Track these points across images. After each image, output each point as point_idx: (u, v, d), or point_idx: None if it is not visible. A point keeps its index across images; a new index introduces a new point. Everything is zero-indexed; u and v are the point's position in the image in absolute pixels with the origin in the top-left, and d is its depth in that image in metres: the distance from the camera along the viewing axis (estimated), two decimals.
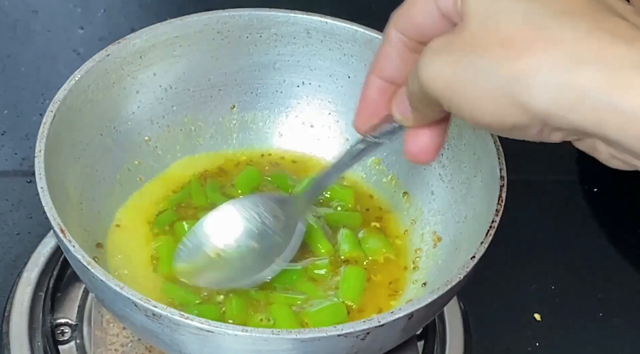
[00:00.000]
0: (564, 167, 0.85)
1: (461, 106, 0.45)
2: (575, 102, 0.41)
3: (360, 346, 0.52)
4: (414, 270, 0.65)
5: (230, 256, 0.63)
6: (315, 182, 0.63)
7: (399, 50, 0.52)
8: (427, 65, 0.45)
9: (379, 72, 0.54)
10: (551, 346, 0.71)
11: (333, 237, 0.66)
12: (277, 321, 0.60)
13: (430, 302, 0.52)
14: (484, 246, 0.55)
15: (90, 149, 0.64)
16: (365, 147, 0.57)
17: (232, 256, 0.63)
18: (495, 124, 0.44)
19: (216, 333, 0.50)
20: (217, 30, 0.68)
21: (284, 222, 0.63)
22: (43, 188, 0.55)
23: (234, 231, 0.63)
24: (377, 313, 0.62)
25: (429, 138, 0.52)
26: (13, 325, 0.67)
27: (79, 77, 0.62)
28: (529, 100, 0.42)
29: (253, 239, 0.63)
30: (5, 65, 0.88)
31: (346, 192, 0.69)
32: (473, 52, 0.43)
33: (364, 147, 0.57)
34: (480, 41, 0.43)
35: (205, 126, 0.71)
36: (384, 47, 0.53)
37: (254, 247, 0.63)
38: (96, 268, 0.52)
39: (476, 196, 0.62)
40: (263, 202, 0.64)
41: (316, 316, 0.61)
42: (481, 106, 0.44)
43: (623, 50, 0.40)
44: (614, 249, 0.79)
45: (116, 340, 0.64)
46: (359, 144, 0.57)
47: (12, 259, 0.72)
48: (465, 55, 0.43)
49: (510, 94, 0.42)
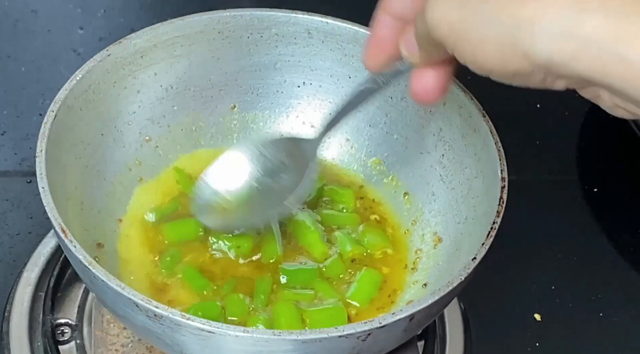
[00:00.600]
0: (564, 167, 0.85)
1: (465, 50, 0.45)
2: (579, 51, 0.40)
3: (361, 347, 0.52)
4: (414, 271, 0.65)
5: (244, 194, 0.64)
6: (325, 124, 0.62)
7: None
8: (433, 8, 0.45)
9: (388, 10, 0.54)
10: (551, 346, 0.71)
11: (328, 238, 0.66)
12: (277, 318, 0.60)
13: (431, 303, 0.52)
14: (485, 247, 0.55)
15: (91, 149, 0.64)
16: (373, 86, 0.57)
17: (247, 194, 0.64)
18: (498, 70, 0.44)
19: (217, 334, 0.50)
20: (218, 30, 0.68)
21: (297, 161, 0.64)
22: (44, 188, 0.55)
23: (247, 170, 0.64)
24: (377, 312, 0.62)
25: (434, 78, 0.52)
26: (13, 325, 0.67)
27: (79, 77, 0.62)
28: (532, 48, 0.41)
29: (267, 176, 0.64)
30: (5, 65, 0.88)
31: (345, 193, 0.69)
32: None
33: (371, 87, 0.57)
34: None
35: (206, 126, 0.71)
36: None
37: (268, 184, 0.64)
38: (97, 268, 0.52)
39: (477, 196, 0.62)
40: (275, 142, 0.65)
41: (316, 315, 0.61)
42: (484, 51, 0.43)
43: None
44: (614, 249, 0.79)
45: (117, 340, 0.64)
46: (367, 83, 0.57)
47: (12, 259, 0.72)
48: (471, 0, 0.43)
49: (513, 41, 0.42)
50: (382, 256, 0.66)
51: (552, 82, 0.44)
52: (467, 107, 0.63)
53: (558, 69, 0.42)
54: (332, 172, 0.71)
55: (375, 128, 0.70)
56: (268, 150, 0.64)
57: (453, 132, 0.65)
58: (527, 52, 0.42)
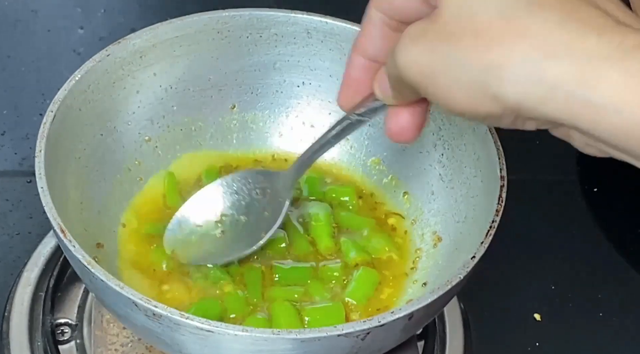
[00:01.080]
0: (564, 167, 0.85)
1: (436, 93, 0.45)
2: (546, 95, 0.41)
3: (360, 346, 0.52)
4: (414, 270, 0.65)
5: (220, 230, 0.64)
6: (300, 160, 0.63)
7: (380, 30, 0.52)
8: (403, 52, 0.45)
9: (361, 51, 0.54)
10: (551, 346, 0.71)
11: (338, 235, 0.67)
12: (276, 317, 0.60)
13: (430, 302, 0.52)
14: (484, 246, 0.56)
15: (90, 149, 0.64)
16: (349, 124, 0.57)
17: (223, 229, 0.64)
18: (469, 113, 0.44)
19: (216, 333, 0.50)
20: (218, 30, 0.68)
21: (271, 198, 0.64)
22: (43, 188, 0.55)
23: (224, 205, 0.64)
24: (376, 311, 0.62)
25: (410, 117, 0.52)
26: (13, 325, 0.67)
27: (79, 77, 0.62)
28: (501, 91, 0.42)
29: (242, 213, 0.64)
30: (5, 65, 0.88)
31: (346, 189, 0.69)
32: (447, 42, 0.43)
33: (347, 125, 0.57)
34: (454, 30, 0.43)
35: (206, 126, 0.71)
36: (365, 26, 0.53)
37: (243, 221, 0.64)
38: (96, 267, 0.52)
39: (476, 195, 0.62)
40: (252, 177, 0.65)
41: (314, 313, 0.61)
42: (455, 95, 0.44)
43: (593, 42, 0.40)
44: (614, 249, 0.79)
45: (116, 340, 0.64)
46: (343, 121, 0.57)
47: (12, 259, 0.72)
48: (440, 45, 0.44)
49: (482, 86, 0.42)
50: (386, 259, 0.66)
51: (522, 123, 0.45)
52: None
53: (528, 112, 0.42)
54: (331, 172, 0.71)
55: (374, 128, 0.70)
56: (244, 186, 0.65)
57: (452, 131, 0.65)
58: (496, 96, 0.42)
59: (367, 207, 0.69)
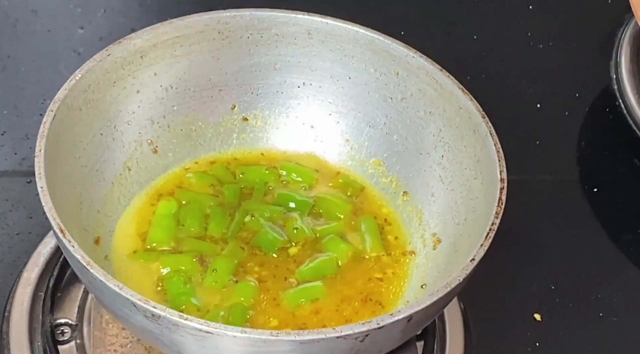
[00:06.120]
0: (564, 167, 0.85)
1: None
2: None
3: (359, 348, 0.52)
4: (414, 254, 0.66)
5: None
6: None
7: None
8: None
9: None
10: (551, 346, 0.71)
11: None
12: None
13: (429, 304, 0.52)
14: (484, 248, 0.56)
15: (90, 149, 0.64)
16: None
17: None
18: None
19: (215, 334, 0.50)
20: (218, 31, 0.68)
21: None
22: (43, 188, 0.55)
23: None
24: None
25: None
26: (13, 325, 0.67)
27: (79, 77, 0.62)
28: None
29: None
30: (5, 65, 0.88)
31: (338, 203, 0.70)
32: None
33: None
34: None
35: (206, 126, 0.71)
36: None
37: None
38: (95, 268, 0.52)
39: (476, 197, 0.62)
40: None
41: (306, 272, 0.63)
42: None
43: None
44: (614, 249, 0.79)
45: (116, 341, 0.64)
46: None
47: (12, 259, 0.72)
48: None
49: None
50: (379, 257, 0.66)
51: None
52: (466, 108, 0.63)
53: None
54: (331, 172, 0.71)
55: (374, 129, 0.70)
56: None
57: (452, 133, 0.65)
58: None
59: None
